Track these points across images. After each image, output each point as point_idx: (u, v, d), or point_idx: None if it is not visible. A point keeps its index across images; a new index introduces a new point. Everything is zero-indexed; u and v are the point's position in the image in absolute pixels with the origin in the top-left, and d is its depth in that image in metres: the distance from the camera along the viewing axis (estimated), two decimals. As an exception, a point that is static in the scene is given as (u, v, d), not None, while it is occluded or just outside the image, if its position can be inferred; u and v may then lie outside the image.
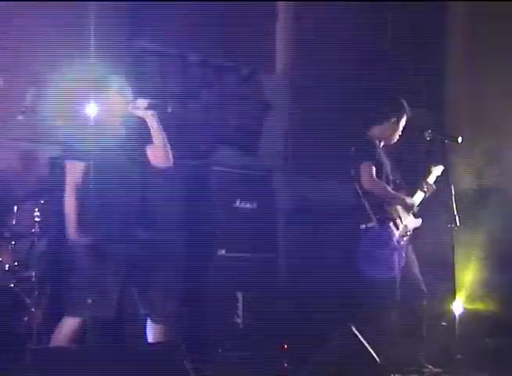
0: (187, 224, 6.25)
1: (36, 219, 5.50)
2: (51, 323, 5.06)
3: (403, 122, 6.02)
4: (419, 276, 5.96)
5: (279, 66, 7.86)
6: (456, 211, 5.82)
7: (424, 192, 6.09)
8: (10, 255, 5.43)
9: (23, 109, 5.30)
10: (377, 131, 6.02)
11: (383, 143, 6.04)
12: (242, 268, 6.30)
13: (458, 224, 5.78)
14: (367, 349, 5.13)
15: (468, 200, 6.52)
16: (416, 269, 5.97)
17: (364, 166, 5.80)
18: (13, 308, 5.25)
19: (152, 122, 4.90)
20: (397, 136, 6.05)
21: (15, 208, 5.48)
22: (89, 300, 4.54)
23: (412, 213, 5.99)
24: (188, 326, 5.91)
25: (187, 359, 4.51)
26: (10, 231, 5.45)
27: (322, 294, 6.60)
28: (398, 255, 5.82)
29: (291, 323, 6.30)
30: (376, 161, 5.83)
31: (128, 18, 6.72)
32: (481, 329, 6.48)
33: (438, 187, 6.09)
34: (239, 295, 6.29)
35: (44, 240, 5.66)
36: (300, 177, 7.30)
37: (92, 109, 4.88)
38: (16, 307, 5.26)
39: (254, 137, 7.48)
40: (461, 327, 5.84)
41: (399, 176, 6.08)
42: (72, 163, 4.87)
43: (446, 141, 6.05)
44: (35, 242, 5.55)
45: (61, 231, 5.08)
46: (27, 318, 5.24)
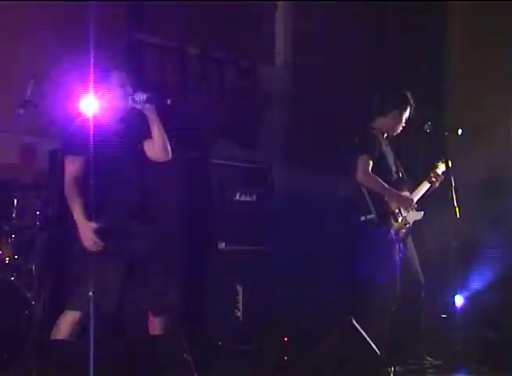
0: (186, 217, 6.25)
1: (36, 213, 5.51)
2: (51, 316, 5.07)
3: (407, 114, 6.01)
4: (418, 268, 5.96)
5: (279, 57, 7.85)
6: (457, 203, 5.84)
7: (431, 183, 6.08)
8: (10, 249, 5.44)
9: (24, 102, 5.28)
10: (380, 122, 6.01)
11: (386, 135, 6.04)
12: (241, 261, 6.30)
13: (458, 216, 5.81)
14: (367, 342, 5.15)
15: (468, 191, 6.51)
16: (416, 262, 5.97)
17: (361, 160, 5.80)
18: (13, 301, 5.25)
19: (150, 115, 4.89)
20: (400, 128, 6.04)
21: (15, 202, 5.48)
22: (90, 293, 4.55)
23: (414, 206, 5.98)
24: (188, 319, 5.91)
25: (187, 352, 4.52)
26: (10, 224, 5.46)
27: (321, 286, 6.61)
28: (397, 247, 5.82)
29: (291, 316, 6.31)
30: (374, 156, 5.83)
31: (128, 10, 6.73)
32: (482, 321, 6.48)
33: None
34: (239, 288, 6.30)
35: (44, 234, 5.66)
36: (299, 169, 7.29)
37: (92, 102, 4.87)
38: (16, 300, 5.26)
39: (254, 130, 7.47)
40: (461, 319, 5.86)
41: (402, 168, 6.07)
42: (71, 157, 4.85)
43: (446, 133, 6.07)
44: (35, 235, 5.55)
45: (61, 224, 5.07)
46: (27, 311, 5.24)
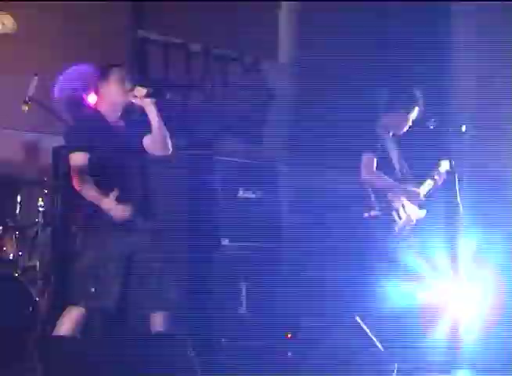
0: (190, 214, 6.24)
1: (40, 209, 5.51)
2: (55, 312, 5.07)
3: (415, 113, 6.00)
4: (420, 265, 5.96)
5: (283, 54, 7.83)
6: (460, 200, 5.83)
7: (435, 180, 6.08)
8: (14, 245, 5.44)
9: (27, 99, 5.28)
10: (387, 120, 6.01)
11: (392, 133, 6.04)
12: (246, 257, 6.30)
13: (462, 213, 5.80)
14: (371, 339, 5.15)
15: (471, 188, 6.49)
16: (418, 258, 5.97)
17: (365, 157, 5.79)
18: (17, 297, 5.26)
19: (150, 110, 4.88)
20: (407, 127, 6.03)
21: (18, 198, 5.49)
22: (92, 289, 4.54)
23: (417, 204, 5.98)
24: (191, 316, 5.91)
25: (191, 349, 4.53)
26: (14, 221, 5.46)
27: (325, 283, 6.61)
28: (400, 244, 5.82)
29: (295, 313, 6.31)
30: (379, 154, 5.82)
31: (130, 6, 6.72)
32: (481, 321, 6.47)
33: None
34: (242, 285, 6.30)
35: (48, 230, 5.66)
36: (303, 166, 7.28)
37: (92, 98, 4.86)
38: (21, 297, 5.26)
39: (258, 126, 7.47)
40: (463, 319, 5.85)
41: (406, 166, 6.06)
42: (76, 153, 4.84)
43: (450, 130, 6.06)
44: (39, 232, 5.55)
45: (65, 220, 5.07)
46: (31, 307, 5.24)
